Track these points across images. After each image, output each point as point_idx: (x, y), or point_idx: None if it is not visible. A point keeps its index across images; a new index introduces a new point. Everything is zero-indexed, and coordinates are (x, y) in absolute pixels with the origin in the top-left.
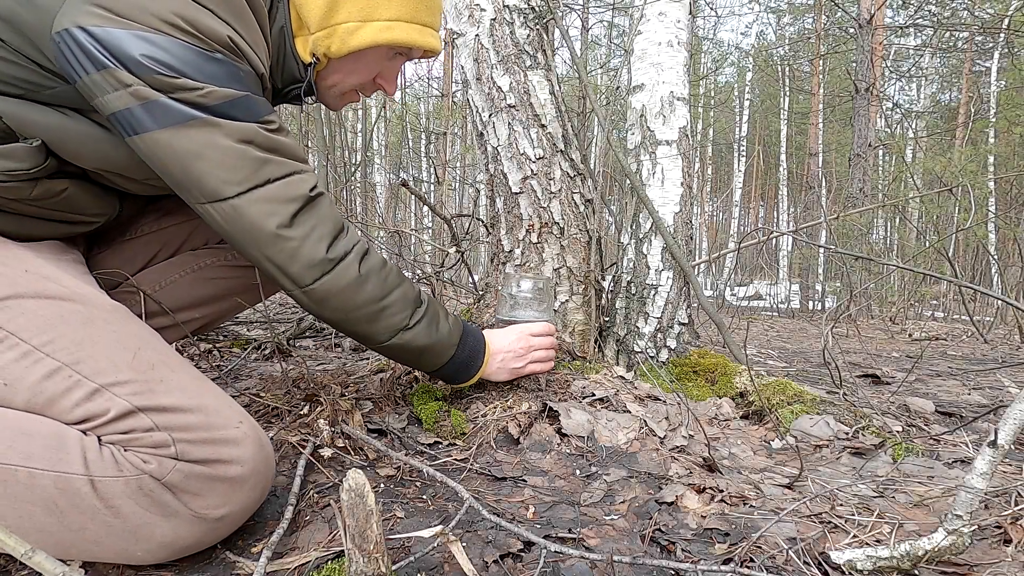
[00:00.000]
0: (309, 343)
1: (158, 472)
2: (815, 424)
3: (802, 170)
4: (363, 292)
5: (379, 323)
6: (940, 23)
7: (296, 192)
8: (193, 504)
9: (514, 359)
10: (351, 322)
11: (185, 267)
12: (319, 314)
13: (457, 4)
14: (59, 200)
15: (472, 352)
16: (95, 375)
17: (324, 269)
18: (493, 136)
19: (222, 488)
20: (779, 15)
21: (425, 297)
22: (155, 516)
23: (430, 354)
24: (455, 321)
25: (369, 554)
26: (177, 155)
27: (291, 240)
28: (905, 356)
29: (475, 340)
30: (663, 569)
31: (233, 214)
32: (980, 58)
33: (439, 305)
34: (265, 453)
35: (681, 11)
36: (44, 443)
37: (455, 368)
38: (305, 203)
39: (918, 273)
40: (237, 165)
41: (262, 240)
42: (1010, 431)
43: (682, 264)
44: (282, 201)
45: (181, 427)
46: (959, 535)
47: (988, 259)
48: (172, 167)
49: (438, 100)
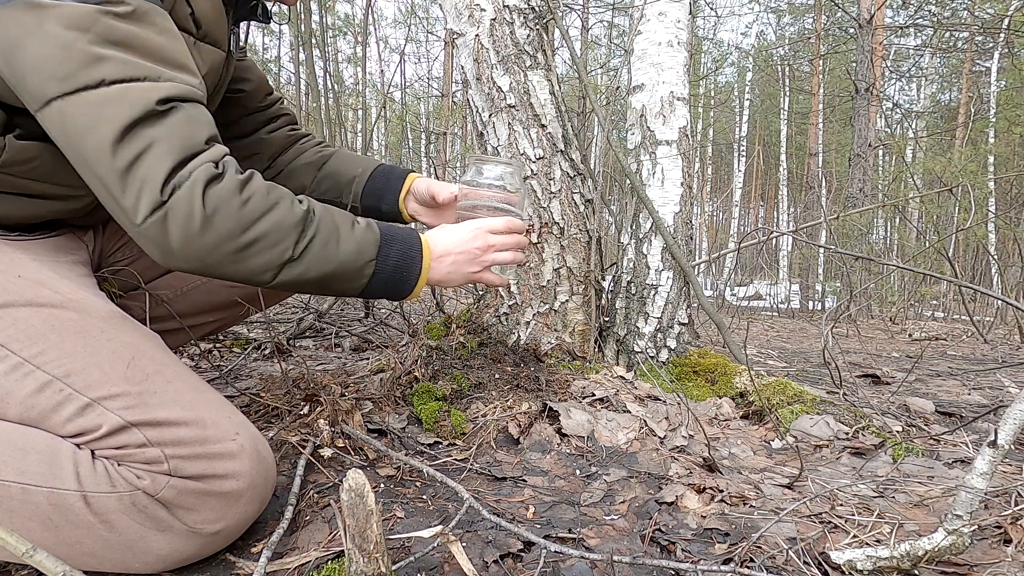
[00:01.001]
0: (309, 343)
1: (151, 488)
2: (815, 424)
3: (802, 170)
4: (212, 229)
5: (248, 263)
6: (940, 23)
7: (136, 99)
8: (188, 519)
9: (468, 262)
10: (213, 267)
11: None
12: (168, 262)
13: (457, 4)
14: (33, 168)
15: (402, 260)
16: (87, 388)
17: (157, 201)
18: (493, 136)
19: (217, 503)
20: (779, 15)
21: (315, 214)
22: (150, 531)
23: (339, 279)
24: (367, 229)
25: (369, 554)
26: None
27: (118, 159)
28: (905, 356)
29: (404, 245)
30: (663, 569)
31: (59, 121)
32: (980, 58)
33: (339, 215)
34: (263, 466)
35: (681, 11)
36: (37, 458)
37: (383, 284)
38: (145, 115)
39: (918, 273)
40: (62, 58)
41: (91, 156)
42: (1010, 431)
43: (682, 264)
44: (115, 108)
45: (174, 442)
46: (959, 535)
47: (988, 259)
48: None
49: (438, 100)
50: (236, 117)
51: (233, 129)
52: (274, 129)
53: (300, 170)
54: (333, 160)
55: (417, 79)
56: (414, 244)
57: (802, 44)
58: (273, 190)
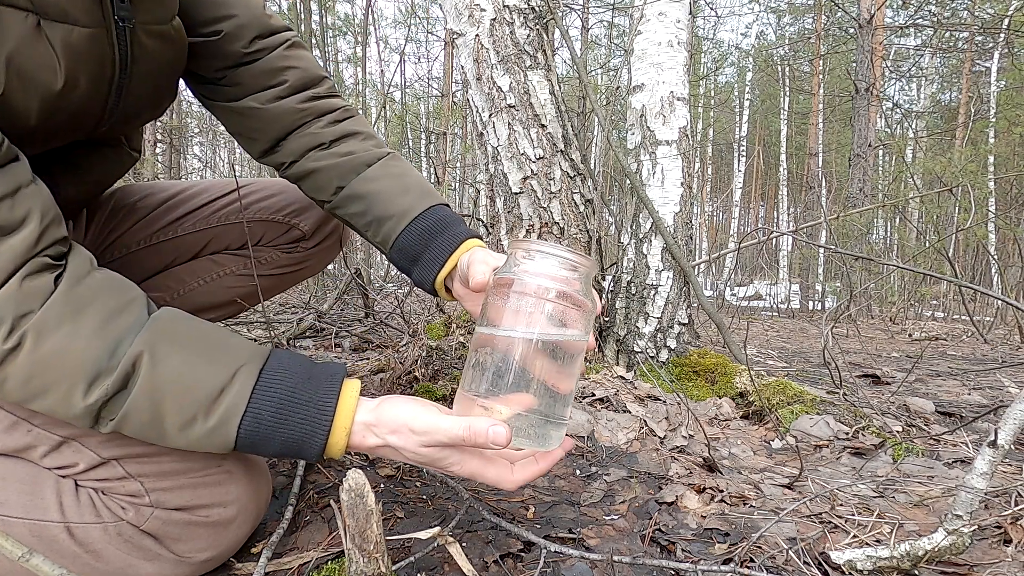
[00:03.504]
0: (309, 343)
1: (136, 520)
2: (815, 424)
3: (802, 170)
4: None
5: (44, 403)
6: (940, 23)
7: None
8: (177, 548)
9: (430, 456)
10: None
11: (205, 275)
12: None
13: (457, 4)
14: None
15: (291, 444)
16: (55, 426)
17: None
18: (493, 136)
19: (206, 532)
20: (779, 15)
21: (120, 413)
22: (138, 560)
23: (174, 420)
24: (218, 428)
25: (369, 554)
26: None
27: None
28: (905, 356)
29: (296, 430)
30: (663, 569)
31: None
32: (980, 58)
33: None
34: (253, 487)
35: (681, 11)
36: (18, 488)
37: (257, 437)
38: None
39: (918, 273)
40: None
41: None
42: (1010, 431)
43: (682, 264)
44: None
45: (156, 474)
46: (959, 535)
47: (988, 259)
48: None
49: (438, 100)
50: (211, 72)
51: (215, 93)
52: (277, 97)
53: (319, 175)
54: (369, 176)
55: (417, 79)
56: (328, 386)
57: (802, 44)
58: (45, 371)
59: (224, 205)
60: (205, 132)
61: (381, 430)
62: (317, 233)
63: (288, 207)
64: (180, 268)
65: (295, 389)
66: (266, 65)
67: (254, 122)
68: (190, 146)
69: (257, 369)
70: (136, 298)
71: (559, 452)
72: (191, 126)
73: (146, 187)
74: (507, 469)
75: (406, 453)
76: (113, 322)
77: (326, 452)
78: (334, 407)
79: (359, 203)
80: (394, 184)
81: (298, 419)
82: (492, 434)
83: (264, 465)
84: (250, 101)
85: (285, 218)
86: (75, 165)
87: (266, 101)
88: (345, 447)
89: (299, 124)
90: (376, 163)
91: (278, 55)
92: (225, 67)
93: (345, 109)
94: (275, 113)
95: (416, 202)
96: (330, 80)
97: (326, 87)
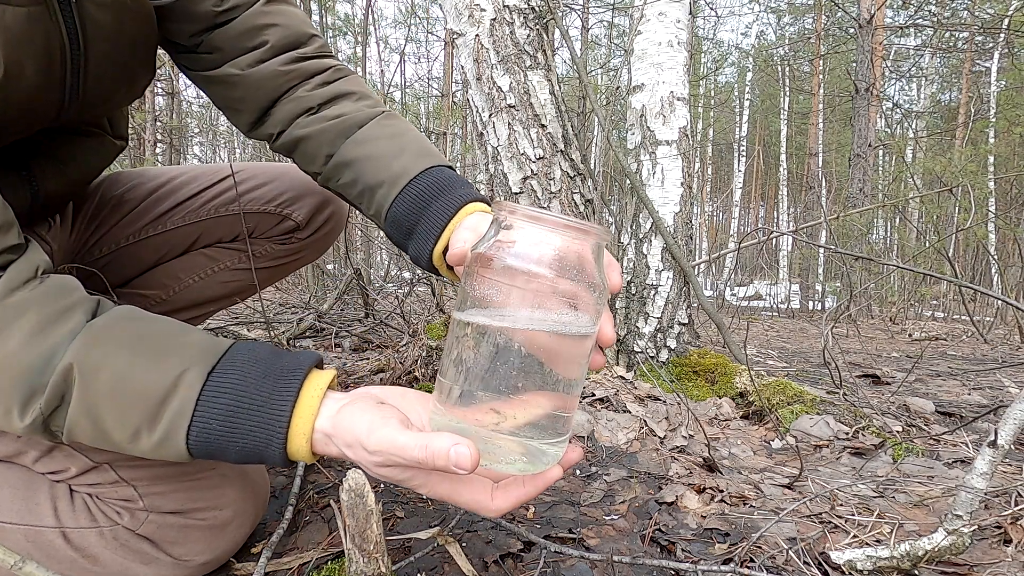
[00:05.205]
0: (309, 343)
1: (131, 524)
2: (815, 424)
3: (802, 170)
4: None
5: None
6: (940, 23)
7: None
8: (174, 551)
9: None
10: None
11: (200, 271)
12: None
13: (457, 4)
14: None
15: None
16: None
17: None
18: (493, 136)
19: (202, 535)
20: (779, 15)
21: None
22: (135, 563)
23: (119, 434)
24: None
25: (369, 554)
26: None
27: None
28: (905, 356)
29: (250, 438)
30: (663, 569)
31: None
32: (980, 58)
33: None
34: (250, 489)
35: (681, 11)
36: (12, 493)
37: (211, 448)
38: None
39: (918, 273)
40: None
41: None
42: (1010, 431)
43: (682, 264)
44: None
45: (148, 478)
46: (959, 535)
47: (988, 259)
48: None
49: (438, 100)
50: (186, 39)
51: (194, 62)
52: (258, 60)
53: (308, 144)
54: (359, 138)
55: (417, 79)
56: (284, 389)
57: (802, 44)
58: None
59: (214, 196)
60: (205, 132)
61: (338, 441)
62: (311, 223)
63: (280, 196)
64: (173, 263)
65: (246, 392)
66: (243, 24)
67: (237, 91)
68: (190, 146)
69: (206, 371)
70: (75, 304)
71: (555, 472)
72: (191, 126)
73: (134, 175)
74: (485, 493)
75: (365, 471)
76: (44, 333)
77: (292, 458)
78: (289, 411)
79: (349, 171)
80: (388, 145)
81: (250, 426)
82: (455, 455)
83: (262, 469)
84: (229, 68)
85: (278, 208)
86: (54, 158)
87: (246, 66)
88: (311, 453)
89: (285, 89)
90: (368, 123)
91: (256, 11)
92: (200, 30)
93: (337, 69)
94: (257, 78)
95: (411, 163)
96: (320, 38)
97: (315, 46)
